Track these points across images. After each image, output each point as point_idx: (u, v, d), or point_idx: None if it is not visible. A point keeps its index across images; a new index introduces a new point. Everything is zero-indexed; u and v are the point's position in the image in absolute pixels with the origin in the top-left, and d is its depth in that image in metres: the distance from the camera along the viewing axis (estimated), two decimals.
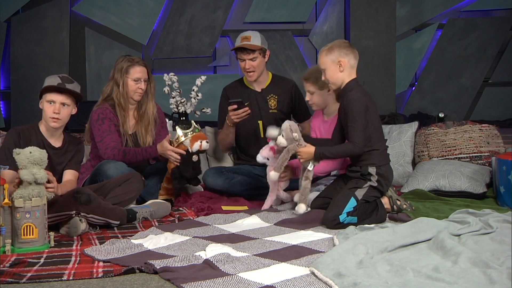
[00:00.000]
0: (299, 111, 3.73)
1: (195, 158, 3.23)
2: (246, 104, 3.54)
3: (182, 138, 3.20)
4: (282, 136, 2.94)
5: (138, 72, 3.32)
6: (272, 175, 2.95)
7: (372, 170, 2.79)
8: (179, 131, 3.22)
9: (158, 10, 5.64)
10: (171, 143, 3.19)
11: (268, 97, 3.66)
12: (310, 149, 2.85)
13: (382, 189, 2.83)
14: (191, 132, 3.22)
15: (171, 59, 5.68)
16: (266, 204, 3.16)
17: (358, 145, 2.74)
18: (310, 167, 2.88)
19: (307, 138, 3.01)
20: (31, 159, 2.44)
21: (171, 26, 5.65)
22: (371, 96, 2.90)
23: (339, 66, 2.82)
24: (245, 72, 3.60)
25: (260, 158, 3.10)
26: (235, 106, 3.42)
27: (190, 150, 3.20)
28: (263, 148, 3.11)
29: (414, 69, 5.86)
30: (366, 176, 2.79)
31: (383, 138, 2.90)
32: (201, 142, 3.21)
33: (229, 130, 3.62)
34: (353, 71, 2.86)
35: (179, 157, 3.16)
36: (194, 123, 3.28)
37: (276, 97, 3.67)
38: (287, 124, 2.96)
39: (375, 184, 2.79)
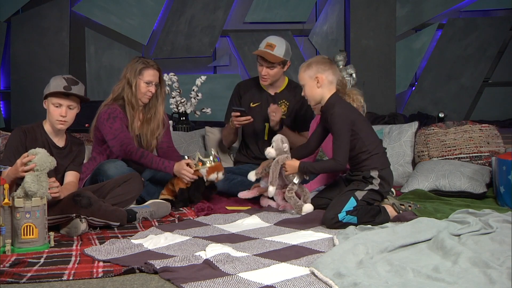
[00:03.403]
0: (302, 121, 3.70)
1: (206, 183, 3.24)
2: (257, 104, 3.57)
3: (200, 166, 3.18)
4: (272, 147, 2.98)
5: (151, 75, 3.32)
6: (270, 190, 2.97)
7: (374, 173, 2.79)
8: (199, 158, 3.20)
9: (158, 10, 5.64)
10: (188, 165, 3.18)
11: (279, 102, 3.64)
12: (294, 163, 2.90)
13: (384, 191, 2.82)
14: (210, 162, 3.20)
15: (171, 59, 5.69)
16: (268, 202, 3.19)
17: (340, 162, 2.78)
18: (296, 180, 2.93)
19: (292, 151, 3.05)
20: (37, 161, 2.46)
21: (171, 26, 5.66)
22: (354, 107, 2.93)
23: (317, 82, 2.85)
24: (260, 76, 3.59)
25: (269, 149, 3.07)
26: (238, 113, 3.44)
27: (205, 178, 3.20)
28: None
29: (414, 69, 5.87)
30: (368, 179, 2.79)
31: (379, 141, 2.91)
32: (217, 174, 3.20)
33: (232, 130, 3.65)
34: (332, 86, 2.88)
35: (193, 178, 3.16)
36: (215, 152, 3.25)
37: (287, 103, 3.66)
38: (278, 136, 3.03)
39: (377, 188, 2.79)
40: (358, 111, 2.94)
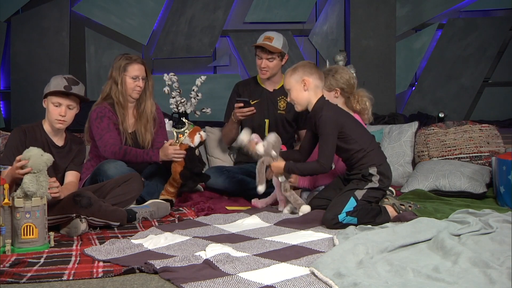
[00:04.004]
0: (301, 118, 3.72)
1: (197, 152, 3.26)
2: (256, 101, 3.57)
3: (182, 138, 3.22)
4: (263, 145, 2.98)
5: (136, 70, 3.33)
6: (259, 189, 2.97)
7: (373, 170, 2.79)
8: (176, 132, 3.24)
9: (158, 10, 5.64)
10: (171, 145, 3.20)
11: (278, 98, 3.68)
12: (280, 164, 2.91)
13: (384, 186, 2.82)
14: (187, 130, 3.24)
15: (171, 59, 5.68)
16: (262, 202, 3.18)
17: (324, 165, 2.80)
18: (281, 179, 2.95)
19: (281, 152, 3.05)
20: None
21: (171, 26, 5.65)
22: (342, 110, 2.93)
23: (304, 85, 2.84)
24: (259, 70, 3.63)
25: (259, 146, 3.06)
26: (242, 104, 3.45)
27: (192, 145, 3.22)
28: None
29: (414, 69, 5.86)
30: (367, 177, 2.78)
31: (372, 137, 2.91)
32: (199, 134, 3.24)
33: (233, 125, 3.66)
34: (318, 91, 2.88)
35: (183, 153, 3.17)
36: (187, 121, 3.30)
37: (286, 99, 3.68)
38: (274, 138, 3.00)
39: (377, 185, 2.79)
40: (347, 113, 2.93)
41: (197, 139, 3.23)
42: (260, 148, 2.99)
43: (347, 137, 2.81)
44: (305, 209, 2.89)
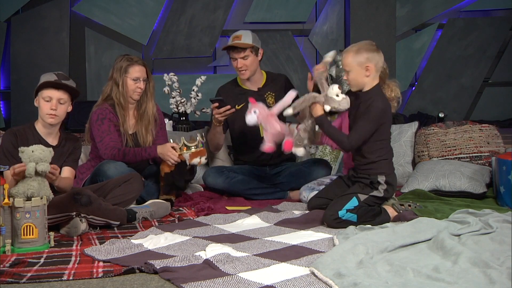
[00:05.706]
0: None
1: (188, 166, 3.26)
2: (242, 104, 3.53)
3: (184, 151, 3.20)
4: (338, 88, 2.79)
5: (137, 71, 3.32)
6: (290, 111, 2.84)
7: (381, 179, 2.77)
8: (184, 143, 3.21)
9: (158, 10, 5.64)
10: (173, 148, 3.20)
11: (265, 95, 3.65)
12: (319, 111, 2.79)
13: (387, 196, 2.82)
14: (195, 147, 3.21)
15: (171, 59, 5.69)
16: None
17: (351, 143, 2.73)
18: (310, 122, 2.83)
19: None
20: (31, 158, 2.46)
21: (171, 26, 5.66)
22: (390, 108, 2.85)
23: (366, 71, 2.75)
24: (238, 71, 3.60)
25: (249, 117, 3.01)
26: (217, 104, 3.41)
27: (187, 162, 3.22)
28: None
29: (414, 69, 5.87)
30: (374, 185, 2.77)
31: (391, 147, 2.89)
32: (200, 158, 3.22)
33: (215, 130, 3.58)
34: (377, 75, 2.80)
35: (178, 161, 3.16)
36: (201, 138, 3.27)
37: (273, 94, 3.66)
38: (344, 96, 2.82)
39: (381, 194, 2.77)
40: (391, 115, 2.85)
41: (194, 162, 3.22)
42: (335, 88, 2.78)
43: (377, 135, 2.75)
44: (299, 152, 2.84)
